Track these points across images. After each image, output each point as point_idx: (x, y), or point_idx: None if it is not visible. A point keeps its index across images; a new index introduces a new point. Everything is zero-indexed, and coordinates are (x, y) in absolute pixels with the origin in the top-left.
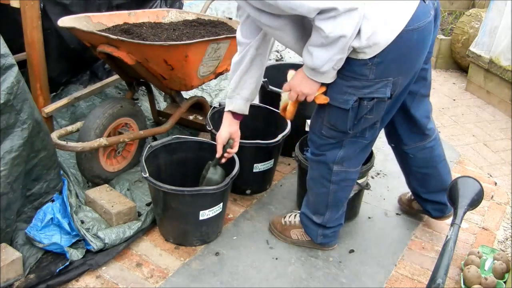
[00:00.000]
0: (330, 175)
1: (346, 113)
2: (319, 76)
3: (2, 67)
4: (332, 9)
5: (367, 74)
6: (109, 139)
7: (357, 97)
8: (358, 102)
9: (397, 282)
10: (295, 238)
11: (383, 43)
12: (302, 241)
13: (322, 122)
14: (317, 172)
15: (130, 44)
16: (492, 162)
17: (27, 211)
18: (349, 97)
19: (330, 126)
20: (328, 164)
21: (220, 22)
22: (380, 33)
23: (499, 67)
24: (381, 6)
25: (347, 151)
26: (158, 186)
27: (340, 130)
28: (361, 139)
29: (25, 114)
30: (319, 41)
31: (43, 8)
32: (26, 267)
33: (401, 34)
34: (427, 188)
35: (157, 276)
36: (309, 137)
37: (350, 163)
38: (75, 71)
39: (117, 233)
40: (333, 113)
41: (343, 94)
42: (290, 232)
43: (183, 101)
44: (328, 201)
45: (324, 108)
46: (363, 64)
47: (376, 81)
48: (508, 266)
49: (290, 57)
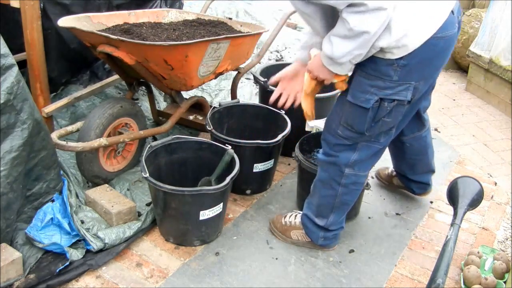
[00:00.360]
0: (341, 177)
1: (365, 112)
2: (335, 66)
3: (2, 67)
4: (362, 4)
5: (391, 75)
6: (109, 139)
7: (379, 97)
8: (379, 102)
9: (397, 282)
10: (295, 239)
11: (412, 46)
12: (302, 241)
13: (339, 121)
14: (327, 174)
15: (130, 44)
16: (492, 162)
17: (27, 211)
18: (370, 96)
19: (347, 126)
20: (340, 166)
21: (220, 22)
22: (410, 36)
23: (499, 67)
24: (414, 9)
25: (361, 155)
26: (158, 186)
27: (356, 130)
28: (376, 143)
29: (25, 114)
30: (342, 32)
31: (43, 8)
32: (26, 267)
33: (429, 40)
34: (416, 171)
35: (157, 276)
36: (324, 136)
37: (361, 167)
38: (75, 71)
39: (117, 233)
40: (352, 112)
41: (365, 93)
42: (290, 232)
43: (183, 101)
44: (334, 204)
45: (342, 106)
46: (389, 64)
47: (399, 83)
48: (508, 266)
49: (290, 57)
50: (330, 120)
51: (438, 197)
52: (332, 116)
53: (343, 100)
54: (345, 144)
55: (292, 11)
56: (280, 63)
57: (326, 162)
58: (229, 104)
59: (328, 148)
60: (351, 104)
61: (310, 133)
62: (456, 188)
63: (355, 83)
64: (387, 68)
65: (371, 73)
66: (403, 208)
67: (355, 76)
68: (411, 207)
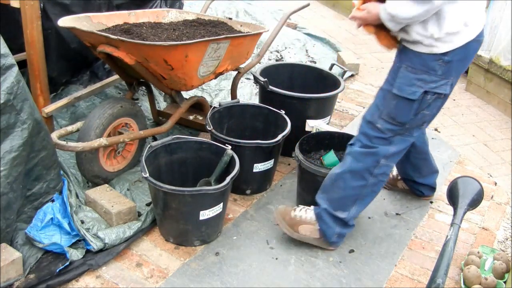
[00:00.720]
0: (374, 168)
1: (411, 104)
2: (391, 23)
3: (2, 67)
4: None
5: (436, 69)
6: (109, 139)
7: (424, 90)
8: (422, 95)
9: (397, 282)
10: (303, 234)
11: (457, 43)
12: (309, 238)
13: (380, 115)
14: (362, 164)
15: (130, 44)
16: (492, 162)
17: (27, 211)
18: (417, 89)
19: (389, 119)
20: (378, 157)
21: (220, 22)
22: (459, 33)
23: (499, 67)
24: (466, 9)
25: (398, 148)
26: (158, 186)
27: (398, 122)
28: (409, 137)
29: (25, 114)
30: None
31: (43, 8)
32: (26, 267)
33: (471, 41)
34: (422, 173)
35: (157, 276)
36: (362, 130)
37: (393, 160)
38: (75, 71)
39: (117, 233)
40: (397, 104)
41: (412, 86)
42: (299, 227)
43: (183, 101)
44: (359, 195)
45: (384, 100)
46: (436, 59)
47: (442, 77)
48: (508, 266)
49: (290, 57)
50: (369, 115)
51: (438, 197)
52: (372, 110)
53: (386, 93)
54: (381, 137)
55: (292, 11)
56: (280, 63)
57: (363, 153)
58: (229, 104)
59: (367, 141)
60: (397, 96)
61: (310, 133)
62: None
63: (401, 77)
64: (434, 63)
65: (418, 67)
66: (403, 208)
67: (400, 70)
68: (411, 207)
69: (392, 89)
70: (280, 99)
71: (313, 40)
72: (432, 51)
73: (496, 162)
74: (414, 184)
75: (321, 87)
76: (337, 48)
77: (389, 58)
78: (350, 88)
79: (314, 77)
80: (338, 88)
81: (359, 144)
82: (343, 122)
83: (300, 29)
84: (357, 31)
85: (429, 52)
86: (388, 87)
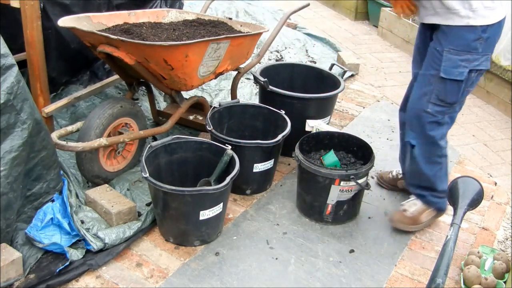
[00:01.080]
0: (441, 150)
1: (459, 84)
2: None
3: (2, 67)
4: None
5: (478, 48)
6: (109, 139)
7: (469, 69)
8: (468, 74)
9: (397, 282)
10: (426, 220)
11: (492, 19)
12: (430, 219)
13: (429, 100)
14: (428, 153)
15: (130, 44)
16: (492, 162)
17: (27, 211)
18: (462, 69)
19: (438, 101)
20: (437, 142)
21: (220, 22)
22: (495, 8)
23: (499, 67)
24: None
25: (449, 126)
26: (158, 186)
27: (447, 103)
28: (455, 113)
29: (25, 114)
30: None
31: (43, 8)
32: (26, 267)
33: (502, 20)
34: None
35: (157, 276)
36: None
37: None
38: (75, 71)
39: (117, 233)
40: (445, 87)
41: (458, 67)
42: (419, 218)
43: (183, 101)
44: (442, 174)
45: (430, 86)
46: (476, 39)
47: (482, 54)
48: (508, 266)
49: (290, 57)
50: (416, 104)
51: None
52: (418, 99)
53: (431, 78)
54: (434, 121)
55: (292, 11)
56: (280, 63)
57: (424, 144)
58: (229, 104)
59: (421, 132)
60: (444, 79)
61: (310, 133)
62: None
63: (446, 61)
64: (475, 43)
65: (461, 49)
66: None
67: (444, 54)
68: None
69: (439, 73)
70: (280, 99)
71: (313, 40)
72: (469, 23)
73: (496, 162)
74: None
75: (321, 87)
76: (337, 48)
77: (389, 58)
78: (350, 88)
79: (314, 77)
80: (338, 88)
81: (416, 141)
82: (343, 122)
83: (300, 29)
84: (357, 31)
85: (464, 24)
86: (433, 72)
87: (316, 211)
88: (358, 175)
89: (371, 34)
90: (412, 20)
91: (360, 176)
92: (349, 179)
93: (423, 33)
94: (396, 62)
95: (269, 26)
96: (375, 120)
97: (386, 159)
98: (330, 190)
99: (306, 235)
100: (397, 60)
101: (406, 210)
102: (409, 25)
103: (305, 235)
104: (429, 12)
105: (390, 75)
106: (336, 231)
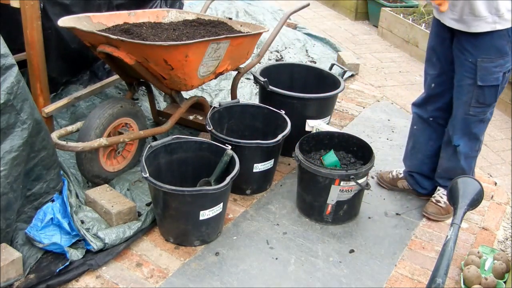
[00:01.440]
0: (480, 144)
1: (496, 88)
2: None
3: (2, 67)
4: None
5: (507, 51)
6: (109, 139)
7: (503, 72)
8: (502, 77)
9: (397, 282)
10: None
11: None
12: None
13: (469, 104)
14: (470, 149)
15: (130, 44)
16: (492, 162)
17: (27, 211)
18: (497, 74)
19: (478, 104)
20: (479, 138)
21: (220, 22)
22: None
23: None
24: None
25: (487, 123)
26: (158, 186)
27: (487, 104)
28: (493, 108)
29: (25, 114)
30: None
31: (43, 8)
32: (26, 267)
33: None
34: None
35: (157, 276)
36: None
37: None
38: (75, 71)
39: (117, 233)
40: (484, 92)
41: (493, 74)
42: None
43: (183, 101)
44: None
45: (471, 92)
46: (506, 43)
47: (511, 55)
48: (508, 266)
49: (290, 57)
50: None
51: None
52: (460, 108)
53: (469, 87)
54: (478, 119)
55: (292, 11)
56: (280, 63)
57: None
58: (229, 104)
59: (467, 132)
60: (482, 86)
61: (310, 133)
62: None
63: (481, 70)
64: (506, 47)
65: (494, 56)
66: (403, 208)
67: (478, 64)
68: (411, 207)
69: (476, 82)
70: (280, 99)
71: (313, 40)
72: (496, 28)
73: (496, 162)
74: (423, 180)
75: (321, 87)
76: (337, 48)
77: (389, 58)
78: (350, 88)
79: (314, 77)
80: (338, 88)
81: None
82: (343, 122)
83: (300, 29)
84: (357, 31)
85: (491, 29)
86: (470, 81)
87: (316, 211)
88: (358, 175)
89: (371, 34)
90: (412, 20)
91: (360, 176)
92: (349, 179)
93: (440, 36)
94: (396, 62)
95: (269, 26)
96: (375, 120)
97: (386, 159)
98: (330, 190)
99: (306, 235)
100: (397, 60)
101: (439, 201)
102: (409, 25)
103: (305, 235)
104: (454, 16)
105: (390, 75)
106: (336, 231)
